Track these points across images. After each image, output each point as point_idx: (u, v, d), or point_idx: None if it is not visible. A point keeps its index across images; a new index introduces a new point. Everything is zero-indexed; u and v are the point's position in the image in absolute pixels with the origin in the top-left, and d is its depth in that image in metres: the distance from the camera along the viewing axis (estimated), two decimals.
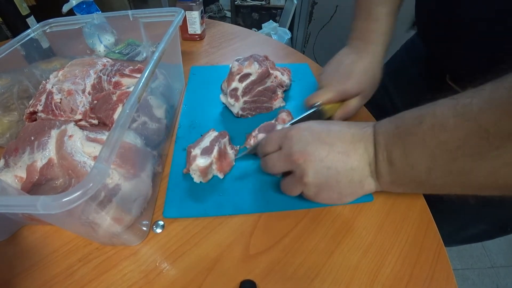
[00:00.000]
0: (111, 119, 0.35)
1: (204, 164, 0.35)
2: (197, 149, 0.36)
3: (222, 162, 0.37)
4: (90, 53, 0.57)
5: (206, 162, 0.35)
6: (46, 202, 0.17)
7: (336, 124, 0.33)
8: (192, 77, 0.57)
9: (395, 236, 0.32)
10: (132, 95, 0.27)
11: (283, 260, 0.30)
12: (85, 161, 0.28)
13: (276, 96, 0.48)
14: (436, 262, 0.30)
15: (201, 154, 0.36)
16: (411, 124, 0.26)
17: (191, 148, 0.37)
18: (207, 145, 0.37)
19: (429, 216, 0.34)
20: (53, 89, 0.38)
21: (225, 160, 0.38)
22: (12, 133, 0.41)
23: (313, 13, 1.64)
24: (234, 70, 0.44)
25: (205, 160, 0.35)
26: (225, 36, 0.74)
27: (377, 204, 0.35)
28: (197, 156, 0.35)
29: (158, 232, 0.32)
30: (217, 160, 0.36)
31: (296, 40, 1.88)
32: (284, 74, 0.51)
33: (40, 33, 0.46)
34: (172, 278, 0.29)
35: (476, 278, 1.10)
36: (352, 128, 0.32)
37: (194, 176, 0.36)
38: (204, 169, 0.35)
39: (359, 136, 0.30)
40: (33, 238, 0.32)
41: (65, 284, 0.28)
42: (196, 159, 0.35)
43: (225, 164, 0.37)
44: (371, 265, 0.29)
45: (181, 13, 0.45)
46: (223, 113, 0.48)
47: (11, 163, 0.30)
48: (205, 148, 0.36)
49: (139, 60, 0.60)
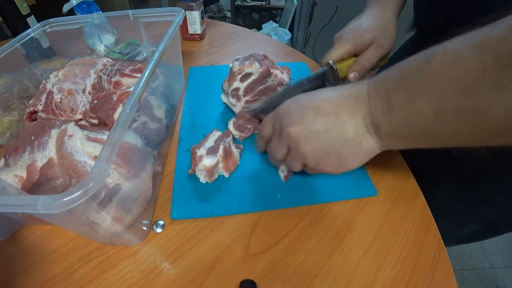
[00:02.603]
0: (111, 119, 0.35)
1: (210, 164, 0.35)
2: (202, 149, 0.36)
3: (228, 161, 0.37)
4: (91, 52, 0.57)
5: (213, 161, 0.35)
6: (47, 201, 0.17)
7: (324, 90, 0.31)
8: (191, 77, 0.57)
9: (395, 236, 0.32)
10: (133, 95, 0.27)
11: (283, 260, 0.30)
12: (85, 161, 0.28)
13: None
14: (436, 262, 0.30)
15: (207, 154, 0.36)
16: (418, 66, 0.23)
17: (196, 149, 0.37)
18: (212, 145, 0.37)
19: (429, 216, 0.34)
20: (53, 89, 0.38)
21: (231, 159, 0.38)
22: (12, 132, 0.41)
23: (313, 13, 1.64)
24: (235, 70, 0.44)
25: (211, 159, 0.35)
26: (225, 36, 0.74)
27: (377, 204, 0.35)
28: (203, 156, 0.35)
29: (158, 232, 0.32)
30: (223, 159, 0.36)
31: (296, 41, 1.88)
32: (284, 73, 0.51)
33: (41, 33, 0.46)
34: (172, 278, 0.29)
35: (475, 279, 1.10)
36: (339, 89, 0.30)
37: (200, 176, 0.36)
38: (210, 169, 0.35)
39: (347, 93, 0.29)
40: (33, 238, 0.32)
41: (65, 284, 0.28)
42: (202, 159, 0.35)
43: (231, 163, 0.38)
44: (371, 265, 0.29)
45: (181, 13, 0.45)
46: (224, 113, 0.48)
47: (11, 162, 0.30)
48: (211, 148, 0.36)
49: (139, 60, 0.60)
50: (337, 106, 0.28)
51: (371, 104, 0.27)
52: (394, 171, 0.39)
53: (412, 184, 0.38)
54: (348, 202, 0.35)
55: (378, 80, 0.27)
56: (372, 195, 0.36)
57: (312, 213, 0.34)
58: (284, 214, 0.34)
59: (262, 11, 2.24)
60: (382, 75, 0.27)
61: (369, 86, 0.27)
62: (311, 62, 0.62)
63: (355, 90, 0.28)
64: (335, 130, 0.28)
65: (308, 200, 0.35)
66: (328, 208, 0.34)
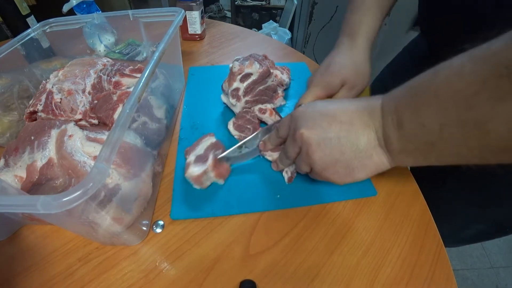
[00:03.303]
0: (111, 119, 0.35)
1: (197, 173, 0.34)
2: (192, 156, 0.36)
3: (219, 169, 0.36)
4: (90, 53, 0.57)
5: (200, 170, 0.34)
6: (47, 201, 0.17)
7: (341, 100, 0.33)
8: (191, 77, 0.57)
9: (395, 236, 0.32)
10: (132, 95, 0.27)
11: (283, 260, 0.30)
12: (85, 161, 0.28)
13: (277, 95, 0.48)
14: (436, 262, 0.30)
15: (195, 161, 0.35)
16: (425, 80, 0.24)
17: (187, 154, 0.36)
18: (201, 153, 0.36)
19: (429, 216, 0.34)
20: (53, 89, 0.38)
21: (222, 167, 0.36)
22: (12, 132, 0.41)
23: (313, 13, 1.64)
24: (235, 70, 0.44)
25: (199, 168, 0.34)
26: (225, 36, 0.74)
27: (377, 204, 0.35)
28: (191, 164, 0.34)
29: (158, 232, 0.32)
30: (213, 168, 0.35)
31: (296, 41, 1.88)
32: (284, 73, 0.51)
33: (41, 33, 0.46)
34: (172, 278, 0.29)
35: (475, 279, 1.09)
36: (356, 101, 0.31)
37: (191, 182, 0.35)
38: (197, 178, 0.34)
39: (363, 105, 0.29)
40: (33, 238, 0.32)
41: (65, 284, 0.28)
42: (189, 167, 0.34)
43: (224, 170, 0.36)
44: (371, 265, 0.29)
45: (181, 13, 0.45)
46: (224, 113, 0.48)
47: (11, 162, 0.30)
48: (199, 156, 0.35)
49: (139, 60, 0.60)
50: (353, 116, 0.29)
51: (383, 118, 0.27)
52: (394, 171, 0.39)
53: (412, 185, 0.38)
54: (348, 202, 0.35)
55: (391, 95, 0.28)
56: (372, 196, 0.36)
57: (312, 213, 0.34)
58: (284, 214, 0.34)
59: (262, 11, 2.24)
60: (394, 91, 0.28)
61: (384, 100, 0.28)
62: (311, 62, 0.62)
63: (370, 103, 0.29)
64: (347, 139, 0.28)
65: (308, 200, 0.35)
66: (328, 208, 0.34)
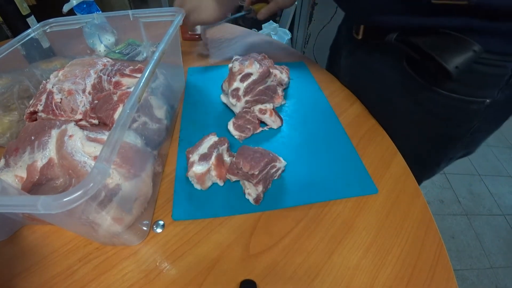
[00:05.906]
0: (111, 119, 0.35)
1: (201, 171, 0.34)
2: (195, 155, 0.36)
3: (221, 169, 0.36)
4: (91, 53, 0.57)
5: (204, 169, 0.34)
6: (47, 202, 0.17)
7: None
8: (191, 77, 0.57)
9: (395, 236, 0.32)
10: (133, 95, 0.27)
11: (283, 260, 0.30)
12: (85, 161, 0.27)
13: (276, 95, 0.48)
14: (436, 262, 0.30)
15: (198, 160, 0.35)
16: None
17: (190, 154, 0.36)
18: (205, 152, 0.36)
19: (429, 216, 0.34)
20: (53, 89, 0.38)
21: (224, 167, 0.37)
22: (13, 132, 0.41)
23: (313, 13, 1.64)
24: (235, 70, 0.44)
25: (202, 166, 0.35)
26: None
27: (377, 204, 0.35)
28: (195, 163, 0.35)
29: (158, 232, 0.32)
30: (215, 167, 0.35)
31: (296, 41, 1.88)
32: (283, 73, 0.51)
33: (41, 33, 0.46)
34: (172, 278, 0.29)
35: (475, 279, 1.10)
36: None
37: (193, 182, 0.36)
38: (201, 176, 0.34)
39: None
40: (33, 238, 0.32)
41: (65, 284, 0.28)
42: (193, 165, 0.35)
43: (224, 171, 0.36)
44: (371, 265, 0.29)
45: (181, 13, 0.45)
46: (224, 113, 0.48)
47: (12, 162, 0.30)
48: (203, 155, 0.36)
49: (139, 60, 0.60)
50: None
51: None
52: (394, 171, 0.39)
53: (412, 184, 0.38)
54: (348, 203, 0.35)
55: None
56: (373, 193, 0.36)
57: (312, 213, 0.34)
58: (284, 214, 0.34)
59: None
60: None
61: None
62: (311, 62, 0.62)
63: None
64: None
65: (309, 198, 0.35)
66: (328, 208, 0.34)
